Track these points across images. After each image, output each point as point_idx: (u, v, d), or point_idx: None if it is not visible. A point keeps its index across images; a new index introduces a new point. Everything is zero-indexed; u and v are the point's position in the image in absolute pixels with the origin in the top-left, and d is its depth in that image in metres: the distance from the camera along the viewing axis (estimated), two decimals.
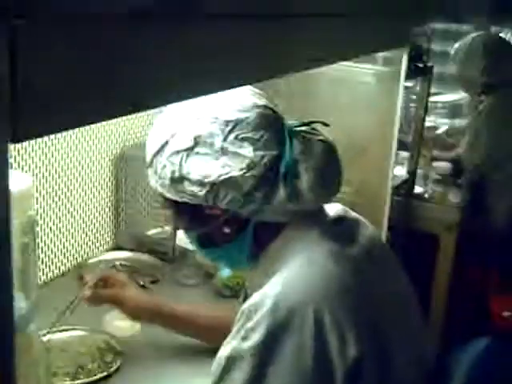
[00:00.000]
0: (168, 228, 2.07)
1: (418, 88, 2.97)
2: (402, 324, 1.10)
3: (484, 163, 3.17)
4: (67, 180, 1.89)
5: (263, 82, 1.09)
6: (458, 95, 3.51)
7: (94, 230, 2.03)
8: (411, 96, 3.14)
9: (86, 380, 1.41)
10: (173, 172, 1.09)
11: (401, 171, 2.88)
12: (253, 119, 1.07)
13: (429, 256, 2.88)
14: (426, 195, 2.96)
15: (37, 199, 1.77)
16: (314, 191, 1.08)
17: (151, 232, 2.13)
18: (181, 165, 1.08)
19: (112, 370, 1.45)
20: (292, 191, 1.07)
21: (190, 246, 1.89)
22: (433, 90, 3.17)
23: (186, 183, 1.09)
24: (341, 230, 1.13)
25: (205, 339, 1.50)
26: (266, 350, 0.97)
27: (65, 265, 1.93)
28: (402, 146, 2.90)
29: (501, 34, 3.41)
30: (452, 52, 3.29)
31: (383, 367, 1.01)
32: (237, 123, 1.07)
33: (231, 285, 1.78)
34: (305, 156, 1.08)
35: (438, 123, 3.45)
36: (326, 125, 1.15)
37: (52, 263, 1.88)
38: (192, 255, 1.94)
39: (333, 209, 1.18)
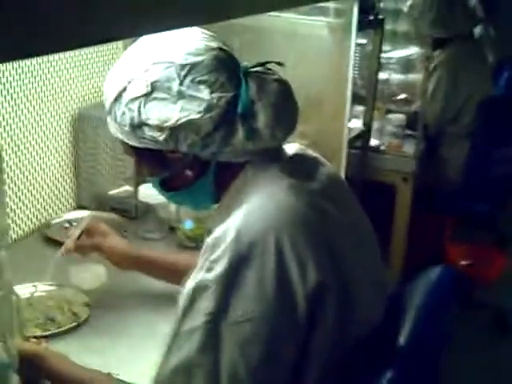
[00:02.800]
0: (129, 187, 2.09)
1: (370, 46, 3.01)
2: (360, 252, 1.15)
3: (439, 116, 3.25)
4: (26, 142, 1.89)
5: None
6: (411, 51, 3.57)
7: (56, 191, 2.04)
8: (365, 53, 3.18)
9: (56, 331, 1.45)
10: (132, 118, 1.11)
11: (357, 124, 2.93)
12: (208, 62, 1.10)
13: (386, 206, 2.95)
14: (382, 147, 3.01)
15: None
16: (271, 129, 1.11)
17: (113, 192, 2.15)
18: (139, 111, 1.10)
19: (81, 320, 1.49)
20: (250, 130, 1.10)
21: (153, 201, 1.95)
22: (385, 47, 3.23)
23: (146, 129, 1.11)
24: (300, 167, 1.17)
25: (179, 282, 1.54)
26: (230, 279, 1.00)
27: (28, 226, 1.95)
28: (357, 99, 2.95)
29: None
30: (405, 8, 3.34)
31: (343, 292, 1.05)
32: (192, 66, 1.09)
33: (194, 236, 1.82)
34: (260, 95, 1.11)
35: (392, 78, 3.50)
36: (280, 64, 1.18)
37: (16, 225, 1.89)
38: (154, 211, 1.98)
39: (292, 148, 1.21)
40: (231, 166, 1.15)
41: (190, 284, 1.04)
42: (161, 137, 1.10)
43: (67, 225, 1.98)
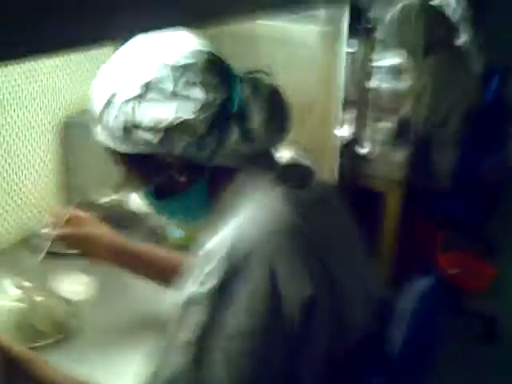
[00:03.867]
0: (118, 196, 2.07)
1: (360, 54, 3.02)
2: (351, 262, 1.15)
3: (427, 122, 3.26)
4: (13, 154, 1.87)
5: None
6: (399, 59, 3.58)
7: (43, 202, 2.02)
8: (355, 61, 3.19)
9: (43, 343, 1.42)
10: (125, 122, 1.09)
11: (348, 131, 2.93)
12: (201, 64, 1.09)
13: (376, 213, 2.95)
14: (372, 155, 3.01)
15: None
16: (265, 130, 1.10)
17: (102, 200, 2.12)
18: (133, 113, 1.08)
19: (68, 332, 1.47)
20: (244, 132, 1.09)
21: (143, 209, 1.93)
22: (375, 56, 3.23)
23: (139, 132, 1.09)
24: (292, 175, 1.16)
25: (161, 279, 1.52)
26: (222, 293, 0.99)
27: (16, 236, 1.92)
28: (348, 107, 2.95)
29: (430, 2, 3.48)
30: (387, 19, 3.36)
31: (335, 303, 1.05)
32: (186, 68, 1.08)
33: (184, 244, 1.80)
34: (254, 97, 1.11)
35: (382, 86, 3.51)
36: (266, 74, 1.17)
37: (1, 236, 1.86)
38: (145, 219, 1.96)
39: (284, 156, 1.21)
40: (225, 171, 1.13)
41: (182, 296, 1.02)
42: (155, 139, 1.08)
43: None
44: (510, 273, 3.46)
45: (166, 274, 1.46)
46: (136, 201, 1.93)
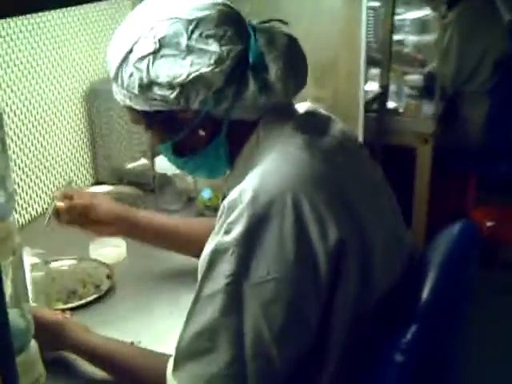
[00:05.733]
0: (145, 160, 2.08)
1: (384, 8, 2.96)
2: (377, 207, 1.13)
3: (454, 75, 3.20)
4: (41, 119, 1.88)
5: None
6: (424, 12, 3.52)
7: (74, 167, 2.04)
8: (378, 16, 3.14)
9: (78, 303, 1.44)
10: (140, 79, 1.09)
11: (373, 87, 2.89)
12: (214, 16, 1.08)
13: (406, 169, 2.92)
14: (400, 109, 2.97)
15: (12, 140, 1.78)
16: (282, 81, 1.09)
17: (130, 165, 2.14)
18: (148, 70, 1.07)
19: (102, 292, 1.48)
20: (261, 84, 1.08)
21: (170, 172, 1.94)
22: (399, 9, 3.18)
23: (156, 88, 1.08)
24: (312, 124, 1.14)
25: (182, 249, 1.53)
26: (249, 240, 0.98)
27: (47, 203, 1.94)
28: (373, 63, 2.92)
29: None
30: None
31: (363, 247, 1.04)
32: (199, 21, 1.07)
33: (212, 205, 1.81)
34: (270, 48, 1.09)
35: (407, 40, 3.46)
36: (284, 23, 1.15)
37: (34, 202, 1.89)
38: (172, 182, 1.96)
39: (303, 107, 1.19)
40: (244, 124, 1.12)
41: (208, 248, 1.02)
42: (172, 95, 1.07)
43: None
44: None
45: (180, 241, 1.48)
46: (163, 164, 1.94)
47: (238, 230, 0.99)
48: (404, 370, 1.00)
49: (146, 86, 1.09)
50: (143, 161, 2.09)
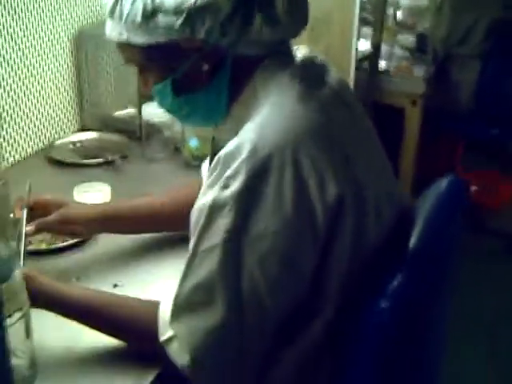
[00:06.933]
0: (133, 108, 2.06)
1: None
2: (371, 161, 1.12)
3: (448, 38, 3.18)
4: (28, 63, 1.85)
5: None
6: None
7: (59, 112, 2.01)
8: None
9: (62, 244, 1.43)
10: (145, 5, 1.04)
11: (365, 46, 2.87)
12: None
13: (395, 129, 2.91)
14: (391, 69, 2.95)
15: None
16: (288, 14, 1.06)
17: (117, 113, 2.11)
18: None
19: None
20: (267, 16, 1.05)
21: (157, 120, 1.92)
22: None
23: (160, 15, 1.04)
24: (310, 72, 1.12)
25: (166, 227, 1.46)
26: (248, 195, 0.97)
27: (32, 147, 1.92)
28: (366, 21, 2.89)
29: None
30: None
31: (358, 201, 1.03)
32: None
33: (199, 155, 1.79)
34: None
35: (400, 1, 3.43)
36: None
37: (19, 145, 1.87)
38: (159, 131, 1.94)
39: (301, 51, 1.17)
40: (246, 61, 1.09)
41: (204, 201, 1.01)
42: (177, 21, 1.02)
43: (71, 146, 1.96)
44: None
45: (170, 220, 1.42)
46: (151, 112, 1.91)
47: (236, 185, 0.97)
48: (389, 316, 1.00)
49: (150, 14, 1.04)
50: (130, 109, 2.07)
